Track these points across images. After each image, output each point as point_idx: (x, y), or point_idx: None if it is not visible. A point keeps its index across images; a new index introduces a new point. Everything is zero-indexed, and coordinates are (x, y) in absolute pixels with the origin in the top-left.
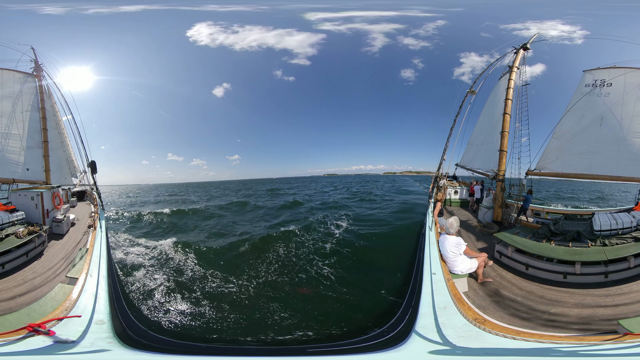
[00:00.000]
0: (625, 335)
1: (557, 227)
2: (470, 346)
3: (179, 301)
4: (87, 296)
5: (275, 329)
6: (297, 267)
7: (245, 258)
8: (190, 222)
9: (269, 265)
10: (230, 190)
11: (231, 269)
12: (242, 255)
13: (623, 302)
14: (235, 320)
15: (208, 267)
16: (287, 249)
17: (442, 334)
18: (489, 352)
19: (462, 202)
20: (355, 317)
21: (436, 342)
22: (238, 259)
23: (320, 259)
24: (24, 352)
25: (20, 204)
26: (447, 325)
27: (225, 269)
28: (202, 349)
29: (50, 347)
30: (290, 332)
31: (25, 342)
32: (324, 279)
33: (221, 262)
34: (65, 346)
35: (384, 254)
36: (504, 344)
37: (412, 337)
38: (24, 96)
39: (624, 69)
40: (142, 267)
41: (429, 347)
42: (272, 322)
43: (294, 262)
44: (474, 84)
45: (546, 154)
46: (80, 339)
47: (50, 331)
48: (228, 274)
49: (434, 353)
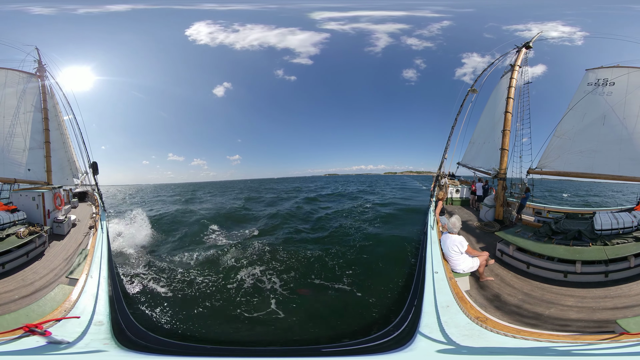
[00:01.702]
0: (621, 335)
1: (558, 226)
2: (474, 345)
3: (182, 301)
4: (87, 297)
5: (277, 331)
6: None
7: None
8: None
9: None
10: (268, 190)
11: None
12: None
13: (623, 302)
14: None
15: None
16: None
17: (445, 333)
18: (492, 352)
19: (463, 201)
20: (359, 315)
21: (441, 342)
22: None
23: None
24: (15, 352)
25: (21, 204)
26: (450, 324)
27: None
28: (205, 350)
29: (43, 347)
30: (302, 333)
31: (19, 342)
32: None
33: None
34: (59, 347)
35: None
36: (504, 343)
37: (417, 337)
38: (27, 96)
39: (627, 69)
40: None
41: (435, 347)
42: (271, 322)
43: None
44: (475, 83)
45: (547, 153)
46: (77, 340)
47: (47, 332)
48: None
49: (441, 352)
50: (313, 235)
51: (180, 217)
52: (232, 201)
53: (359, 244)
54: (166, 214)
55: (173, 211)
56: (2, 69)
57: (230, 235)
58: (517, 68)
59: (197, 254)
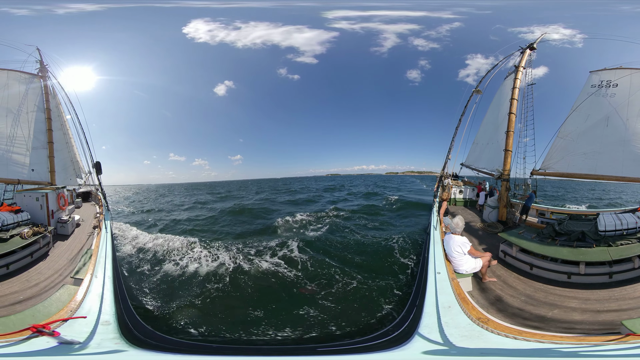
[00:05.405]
0: (628, 336)
1: (561, 227)
2: (472, 346)
3: (186, 301)
4: (92, 297)
5: (284, 329)
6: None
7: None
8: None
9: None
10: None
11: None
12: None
13: (627, 303)
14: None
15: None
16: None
17: (443, 334)
18: (486, 352)
19: (466, 201)
20: (361, 314)
21: (436, 343)
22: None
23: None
24: (29, 353)
25: (25, 204)
26: (451, 324)
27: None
28: (212, 349)
29: (57, 348)
30: (302, 332)
31: (29, 342)
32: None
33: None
34: (72, 347)
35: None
36: (505, 344)
37: (415, 337)
38: (30, 97)
39: (630, 70)
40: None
41: (426, 347)
42: (277, 321)
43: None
44: (479, 84)
45: (551, 154)
46: (88, 340)
47: (55, 332)
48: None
49: (428, 353)
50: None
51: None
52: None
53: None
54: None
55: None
56: (3, 70)
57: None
58: (522, 69)
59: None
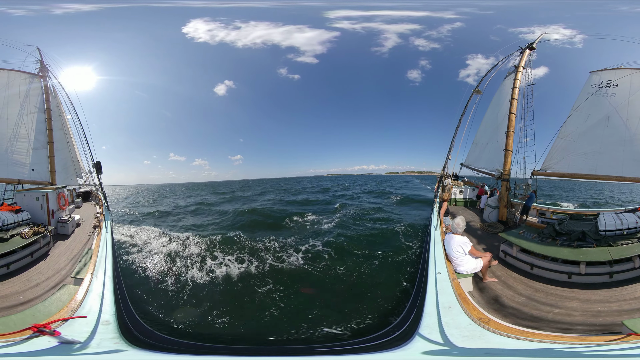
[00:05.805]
0: (629, 336)
1: (562, 227)
2: (473, 346)
3: (186, 301)
4: (92, 297)
5: (281, 329)
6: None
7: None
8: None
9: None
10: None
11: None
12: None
13: (628, 303)
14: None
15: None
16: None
17: (444, 334)
18: (488, 353)
19: (467, 201)
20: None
21: (437, 343)
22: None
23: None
24: (30, 353)
25: (25, 204)
26: (452, 324)
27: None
28: (212, 349)
29: (58, 347)
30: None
31: (30, 342)
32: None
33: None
34: (72, 347)
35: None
36: (507, 344)
37: (415, 338)
38: (30, 97)
39: (630, 70)
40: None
41: (426, 348)
42: (277, 321)
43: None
44: (479, 84)
45: (552, 154)
46: (89, 340)
47: (56, 332)
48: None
49: (428, 354)
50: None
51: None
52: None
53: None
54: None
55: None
56: (3, 70)
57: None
58: (521, 69)
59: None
